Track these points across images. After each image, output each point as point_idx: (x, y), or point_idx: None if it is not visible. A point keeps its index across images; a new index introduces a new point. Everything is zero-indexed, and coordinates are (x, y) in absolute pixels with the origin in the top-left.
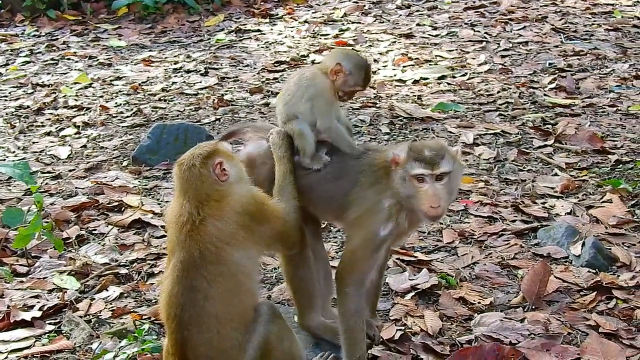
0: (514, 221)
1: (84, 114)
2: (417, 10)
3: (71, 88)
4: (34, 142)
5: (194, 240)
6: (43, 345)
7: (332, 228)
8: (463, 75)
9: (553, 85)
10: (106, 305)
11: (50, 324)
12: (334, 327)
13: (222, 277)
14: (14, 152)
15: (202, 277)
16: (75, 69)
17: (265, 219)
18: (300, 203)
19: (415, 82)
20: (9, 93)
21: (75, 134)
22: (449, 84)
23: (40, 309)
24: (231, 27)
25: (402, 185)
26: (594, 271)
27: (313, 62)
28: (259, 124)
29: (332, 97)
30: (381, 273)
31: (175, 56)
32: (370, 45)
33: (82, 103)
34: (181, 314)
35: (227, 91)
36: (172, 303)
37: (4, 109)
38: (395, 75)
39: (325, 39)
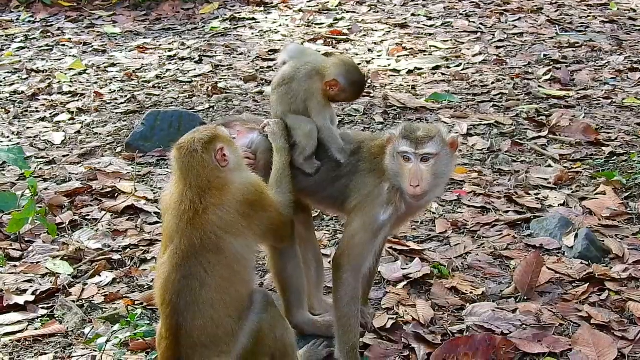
0: (507, 212)
1: (78, 100)
2: (412, 0)
3: (66, 74)
4: (28, 128)
5: (195, 228)
6: (36, 329)
7: (324, 217)
8: (457, 65)
9: (548, 77)
10: (99, 290)
11: (43, 308)
12: (321, 323)
13: (220, 266)
14: (8, 137)
15: (200, 265)
16: (69, 55)
17: (263, 208)
18: (304, 201)
19: (410, 72)
20: (4, 78)
21: (70, 119)
22: (443, 74)
23: (33, 293)
24: (226, 15)
25: (391, 162)
26: (587, 263)
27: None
28: (246, 117)
29: (325, 100)
30: (377, 261)
31: (169, 44)
32: (365, 35)
33: (76, 89)
34: (177, 300)
35: (221, 79)
36: (168, 289)
37: None
38: (389, 65)
39: (319, 28)
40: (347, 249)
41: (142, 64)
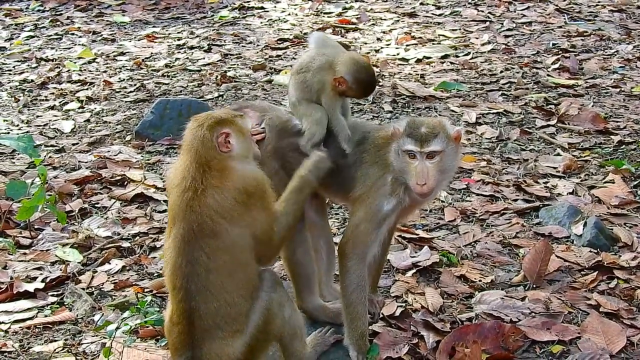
0: (515, 200)
1: (87, 89)
2: None
3: (75, 63)
4: (37, 116)
5: (193, 211)
6: (45, 316)
7: (333, 205)
8: (466, 54)
9: (556, 66)
10: (108, 278)
11: (52, 295)
12: (331, 309)
13: (220, 251)
14: (18, 125)
15: (201, 250)
16: (79, 44)
17: (261, 205)
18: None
19: (418, 61)
20: (14, 67)
21: (79, 108)
22: (452, 63)
23: (43, 281)
24: (234, 4)
25: (396, 159)
26: (596, 251)
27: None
28: (258, 103)
29: (335, 93)
30: (385, 250)
31: (178, 32)
32: (374, 24)
33: (85, 78)
34: (187, 285)
35: (230, 68)
36: (177, 274)
37: (9, 83)
38: (398, 54)
39: (328, 17)
40: (352, 237)
41: (152, 53)
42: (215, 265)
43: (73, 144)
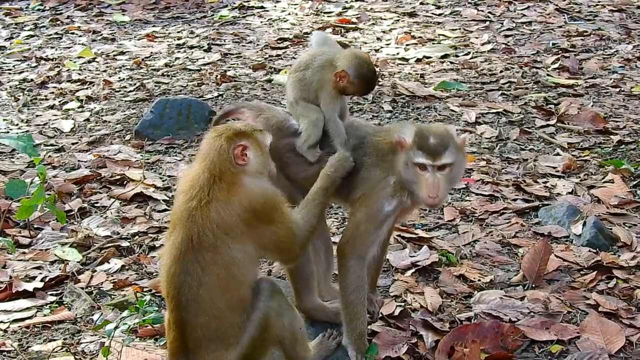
0: (515, 200)
1: (87, 88)
2: None
3: (75, 62)
4: (37, 115)
5: (195, 222)
6: (44, 315)
7: (332, 205)
8: (466, 54)
9: (556, 66)
10: (107, 277)
11: (51, 295)
12: (330, 309)
13: (216, 266)
14: (17, 124)
15: (197, 262)
16: (79, 44)
17: (270, 222)
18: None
19: (418, 60)
20: (13, 66)
21: (79, 107)
22: (451, 62)
23: (42, 280)
24: (235, 3)
25: (405, 170)
26: (595, 251)
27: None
28: (255, 103)
29: (335, 92)
30: (384, 250)
31: (178, 32)
32: (374, 24)
33: (85, 77)
34: (179, 296)
35: (230, 67)
36: (170, 283)
37: (8, 82)
38: (398, 54)
39: (328, 16)
40: (352, 237)
41: (151, 52)
42: (208, 279)
43: (72, 144)
